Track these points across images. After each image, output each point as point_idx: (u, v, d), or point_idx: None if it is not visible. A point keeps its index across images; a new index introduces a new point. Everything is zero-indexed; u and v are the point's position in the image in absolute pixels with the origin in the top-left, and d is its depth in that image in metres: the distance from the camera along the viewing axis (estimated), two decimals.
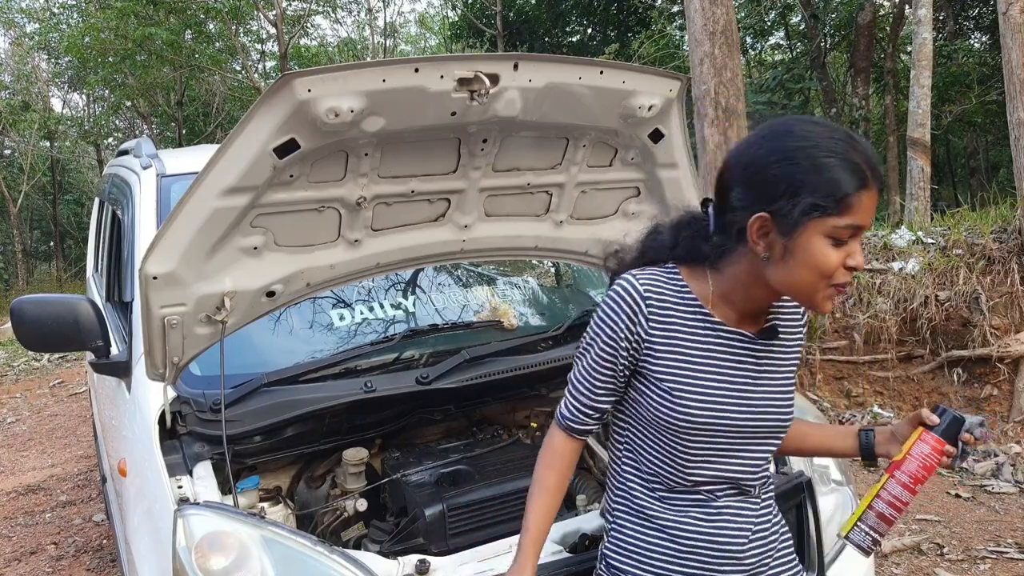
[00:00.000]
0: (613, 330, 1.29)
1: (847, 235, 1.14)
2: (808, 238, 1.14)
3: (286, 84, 1.39)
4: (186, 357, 1.78)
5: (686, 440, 1.28)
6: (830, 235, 1.13)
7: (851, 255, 1.15)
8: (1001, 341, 4.77)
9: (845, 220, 1.12)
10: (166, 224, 1.55)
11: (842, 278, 1.16)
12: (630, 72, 1.67)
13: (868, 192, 1.13)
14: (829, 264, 1.14)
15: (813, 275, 1.15)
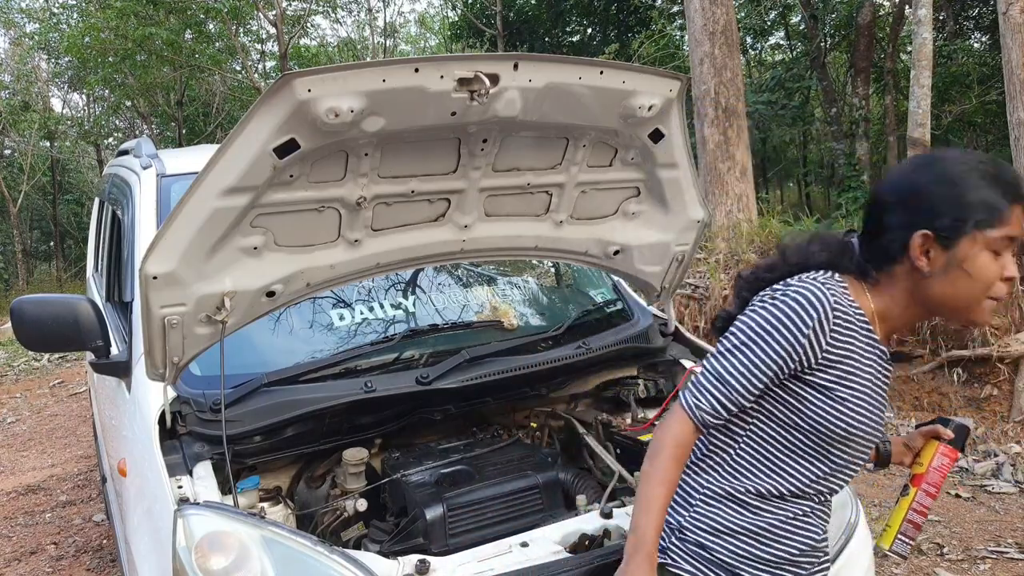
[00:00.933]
0: (794, 335, 1.28)
1: (1004, 246, 1.23)
2: (969, 250, 1.23)
3: (286, 84, 1.39)
4: (186, 357, 1.78)
5: (841, 448, 1.35)
6: (989, 247, 1.22)
7: (1006, 267, 1.24)
8: (1001, 341, 4.77)
9: (1002, 231, 1.22)
10: (166, 224, 1.55)
11: (1000, 290, 1.24)
12: (630, 72, 1.67)
13: (1020, 205, 1.22)
14: (991, 274, 1.23)
15: (977, 287, 1.24)
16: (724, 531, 1.39)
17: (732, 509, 1.39)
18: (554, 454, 2.21)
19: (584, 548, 1.69)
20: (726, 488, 1.40)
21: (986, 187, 1.22)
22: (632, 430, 2.31)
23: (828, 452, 1.36)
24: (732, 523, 1.38)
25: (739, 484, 1.39)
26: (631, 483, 2.12)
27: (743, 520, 1.38)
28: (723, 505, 1.40)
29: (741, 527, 1.38)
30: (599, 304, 2.71)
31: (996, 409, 4.82)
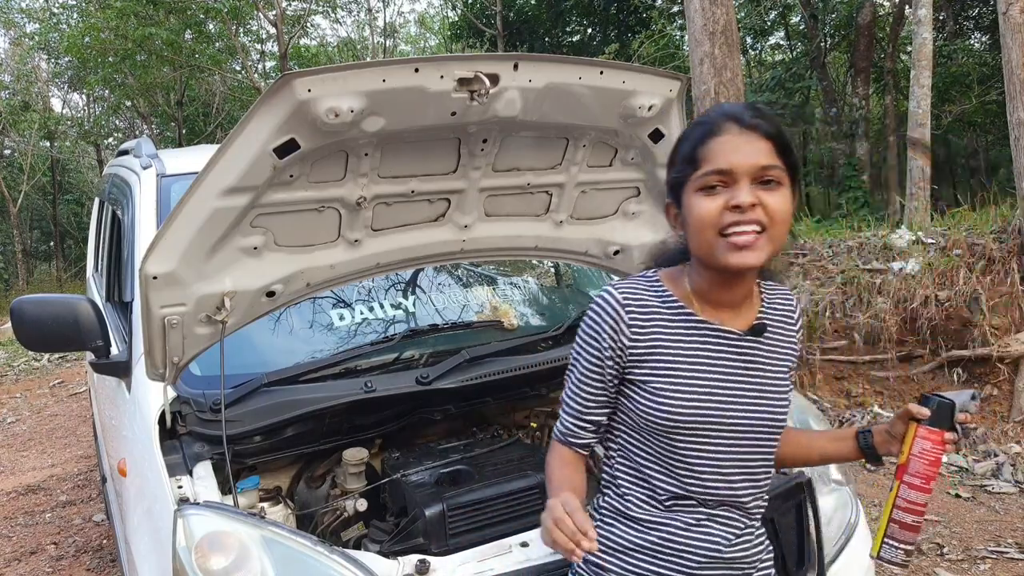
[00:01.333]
0: (597, 342, 1.30)
1: (716, 181, 1.20)
2: (687, 200, 1.24)
3: (286, 84, 1.39)
4: (186, 357, 1.78)
5: (676, 440, 1.28)
6: (699, 189, 1.22)
7: (733, 196, 1.19)
8: (1001, 341, 4.77)
9: (701, 170, 1.21)
10: (166, 224, 1.55)
11: (727, 219, 1.19)
12: (630, 72, 1.67)
13: (716, 138, 1.21)
14: (706, 212, 1.20)
15: (700, 227, 1.22)
16: (620, 549, 1.33)
17: (625, 526, 1.34)
18: None
19: None
20: (615, 506, 1.36)
21: (686, 140, 1.26)
22: None
23: (669, 445, 1.28)
24: (626, 541, 1.33)
25: (625, 500, 1.35)
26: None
27: (636, 536, 1.32)
28: (616, 523, 1.35)
29: (635, 543, 1.32)
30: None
31: (996, 409, 4.82)
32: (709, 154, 1.21)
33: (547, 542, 1.19)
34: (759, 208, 1.18)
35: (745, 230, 1.18)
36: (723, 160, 1.19)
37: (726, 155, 1.19)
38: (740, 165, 1.18)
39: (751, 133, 1.20)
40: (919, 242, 5.45)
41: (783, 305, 1.40)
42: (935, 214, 7.41)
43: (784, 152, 1.22)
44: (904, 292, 5.06)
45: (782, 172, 1.21)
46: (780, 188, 1.21)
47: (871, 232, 6.15)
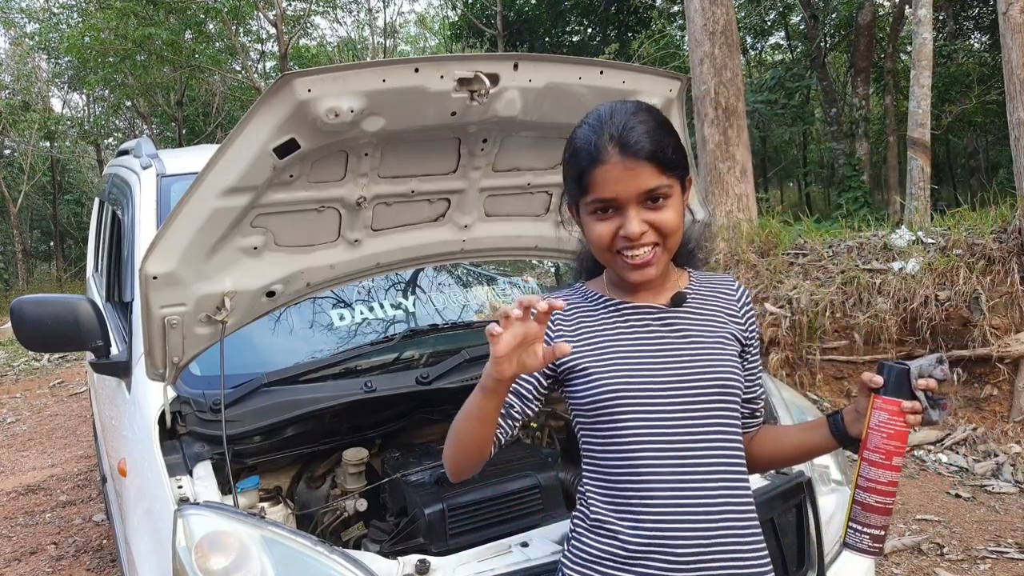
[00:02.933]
0: None
1: (602, 207, 1.25)
2: (583, 218, 1.30)
3: (286, 84, 1.39)
4: (186, 357, 1.78)
5: (615, 418, 1.26)
6: (590, 212, 1.27)
7: (623, 225, 1.23)
8: (1001, 341, 4.77)
9: (590, 196, 1.25)
10: (166, 224, 1.55)
11: (621, 245, 1.24)
12: (630, 72, 1.67)
13: (601, 166, 1.22)
14: (599, 236, 1.26)
15: (599, 250, 1.29)
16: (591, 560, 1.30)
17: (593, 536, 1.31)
18: (554, 454, 2.21)
19: None
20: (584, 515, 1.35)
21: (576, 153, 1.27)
22: None
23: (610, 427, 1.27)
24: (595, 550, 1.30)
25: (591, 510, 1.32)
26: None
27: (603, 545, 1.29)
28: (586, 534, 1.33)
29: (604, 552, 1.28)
30: None
31: (996, 409, 4.82)
32: (595, 183, 1.24)
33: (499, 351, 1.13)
34: (649, 231, 1.23)
35: (637, 254, 1.24)
36: (609, 190, 1.23)
37: (610, 185, 1.22)
38: (624, 193, 1.22)
39: (632, 159, 1.21)
40: (919, 242, 5.45)
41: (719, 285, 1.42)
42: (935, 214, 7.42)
43: (669, 165, 1.24)
44: (904, 292, 5.06)
45: (668, 186, 1.24)
46: (668, 200, 1.25)
47: (871, 232, 6.15)
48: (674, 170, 1.25)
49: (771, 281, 5.55)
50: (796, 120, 16.57)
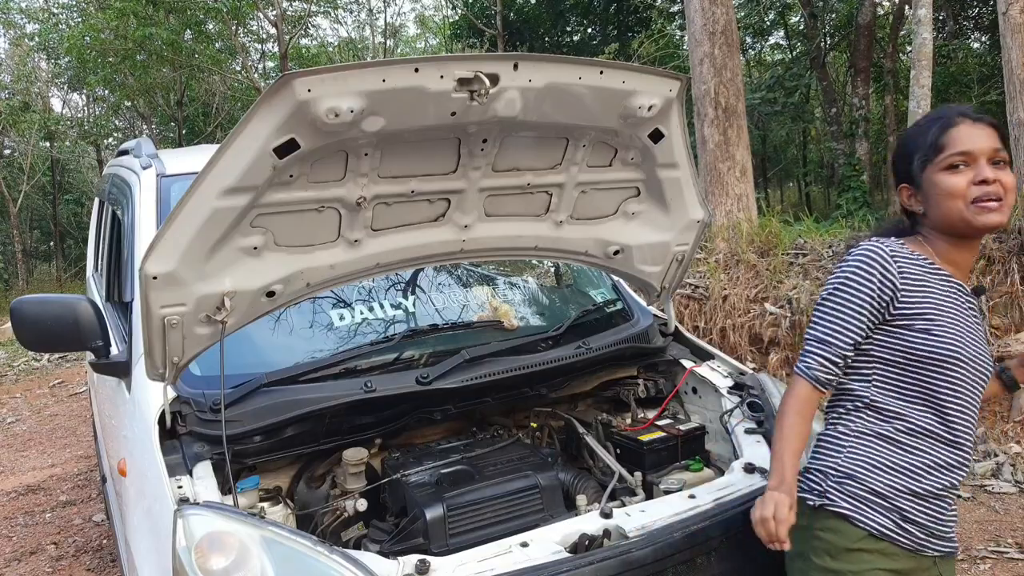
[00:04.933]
0: (867, 284, 1.53)
1: (959, 161, 1.47)
2: (933, 178, 1.51)
3: (286, 84, 1.39)
4: (186, 357, 1.78)
5: (944, 371, 1.51)
6: (944, 168, 1.49)
7: (977, 174, 1.46)
8: (1001, 341, 4.77)
9: (945, 153, 1.49)
10: (166, 224, 1.55)
11: (977, 191, 1.46)
12: (630, 72, 1.67)
13: (956, 127, 1.49)
14: (954, 186, 1.48)
15: (952, 199, 1.48)
16: (880, 467, 1.53)
17: (884, 447, 1.54)
18: (554, 454, 2.21)
19: (584, 548, 1.69)
20: (874, 429, 1.55)
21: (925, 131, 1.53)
22: (632, 430, 2.31)
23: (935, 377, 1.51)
24: (885, 460, 1.53)
25: (885, 424, 1.55)
26: (631, 483, 2.12)
27: (894, 456, 1.53)
28: (875, 444, 1.55)
29: (894, 463, 1.52)
30: (599, 304, 2.71)
31: (996, 409, 4.82)
32: (951, 140, 1.48)
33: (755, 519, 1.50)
34: (996, 183, 1.46)
35: (991, 199, 1.46)
36: (965, 144, 1.47)
37: (965, 140, 1.48)
38: (979, 148, 1.47)
39: (980, 124, 1.49)
40: None
41: None
42: None
43: (1004, 139, 1.51)
44: None
45: (1006, 154, 1.50)
46: (1007, 168, 1.49)
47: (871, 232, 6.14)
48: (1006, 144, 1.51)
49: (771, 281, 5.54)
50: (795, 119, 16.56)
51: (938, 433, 1.54)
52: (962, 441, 1.55)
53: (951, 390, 1.52)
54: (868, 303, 1.52)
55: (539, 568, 1.62)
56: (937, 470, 1.54)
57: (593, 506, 1.96)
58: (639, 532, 1.74)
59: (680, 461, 2.18)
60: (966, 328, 1.54)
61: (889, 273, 1.52)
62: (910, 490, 1.52)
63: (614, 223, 2.14)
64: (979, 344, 1.56)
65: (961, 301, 1.56)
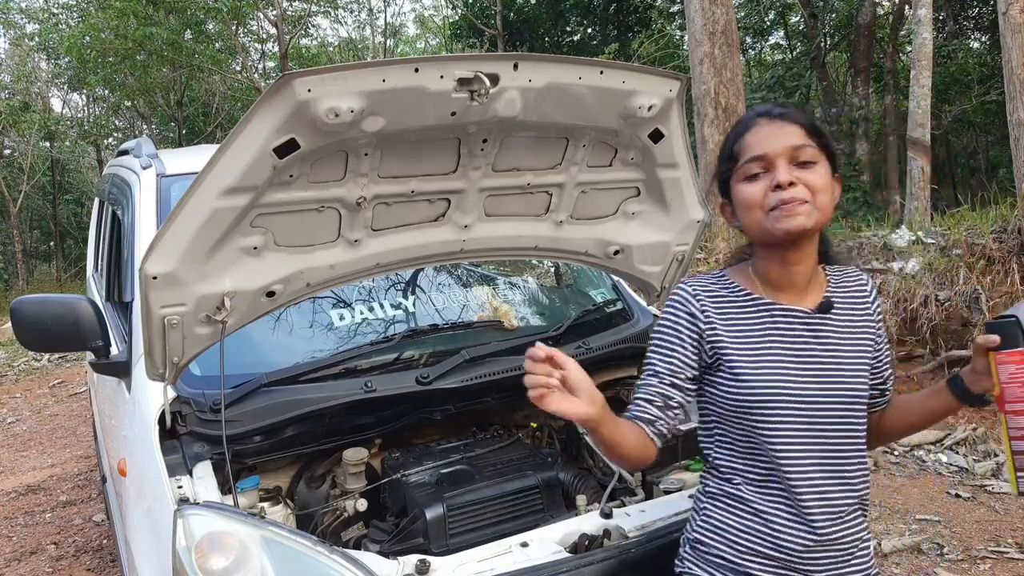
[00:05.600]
0: (672, 326, 1.41)
1: (756, 168, 1.33)
2: (735, 191, 1.38)
3: (286, 84, 1.39)
4: (186, 357, 1.78)
5: (763, 417, 1.34)
6: (743, 178, 1.35)
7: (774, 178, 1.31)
8: None
9: (741, 160, 1.35)
10: (166, 224, 1.55)
11: (773, 198, 1.30)
12: (630, 72, 1.67)
13: (751, 131, 1.35)
14: (751, 196, 1.33)
15: (750, 210, 1.34)
16: (723, 529, 1.40)
17: (726, 507, 1.41)
18: (554, 454, 2.21)
19: (584, 548, 1.69)
20: (720, 489, 1.43)
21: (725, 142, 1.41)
22: None
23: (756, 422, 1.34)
24: (728, 521, 1.40)
25: (727, 484, 1.42)
26: (631, 483, 2.12)
27: (736, 517, 1.39)
28: (720, 505, 1.42)
29: (735, 524, 1.39)
30: (599, 304, 2.71)
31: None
32: (745, 147, 1.35)
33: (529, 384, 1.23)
34: (799, 186, 1.30)
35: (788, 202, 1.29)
36: (758, 148, 1.32)
37: (760, 143, 1.33)
38: (773, 149, 1.31)
39: (779, 121, 1.33)
40: (919, 242, 5.45)
41: (853, 285, 1.46)
42: (935, 214, 7.42)
43: (815, 133, 1.33)
44: (904, 292, 5.06)
45: (815, 150, 1.32)
46: (815, 166, 1.32)
47: (871, 232, 6.15)
48: (819, 138, 1.34)
49: None
50: None
51: (773, 486, 1.36)
52: (802, 493, 1.33)
53: (777, 436, 1.34)
54: (677, 341, 1.39)
55: (539, 568, 1.62)
56: (782, 528, 1.35)
57: (593, 506, 1.96)
58: (639, 532, 1.74)
59: (680, 461, 2.18)
60: (791, 360, 1.35)
61: (692, 315, 1.39)
62: (756, 551, 1.36)
63: (614, 223, 2.14)
64: (814, 374, 1.35)
65: (789, 329, 1.37)
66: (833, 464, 1.36)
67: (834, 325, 1.39)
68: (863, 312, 1.44)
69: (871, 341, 1.43)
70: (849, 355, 1.38)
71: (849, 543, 1.37)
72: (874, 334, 1.44)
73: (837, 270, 1.48)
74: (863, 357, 1.40)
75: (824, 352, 1.37)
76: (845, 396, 1.36)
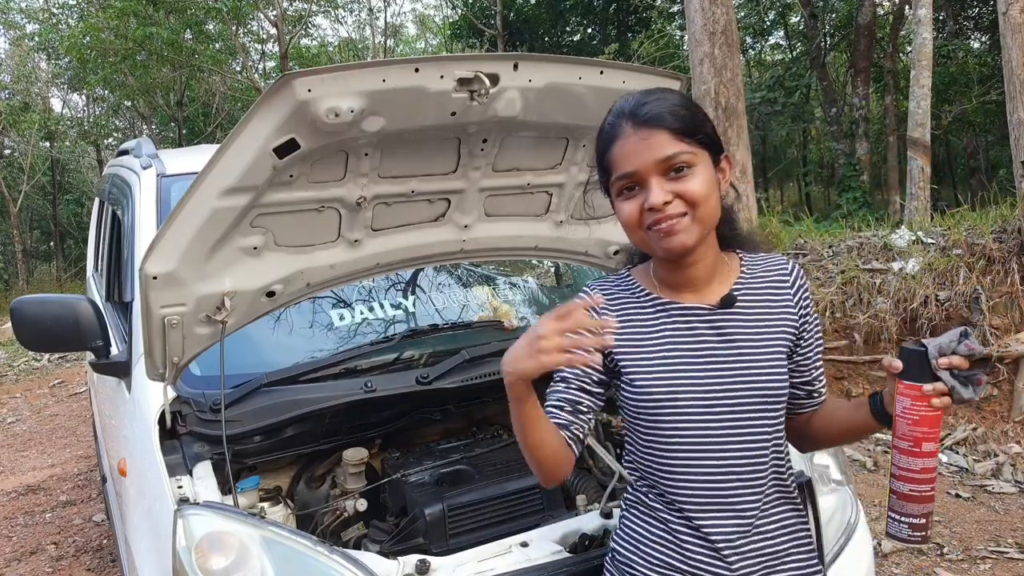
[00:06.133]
0: None
1: (625, 186, 1.24)
2: (614, 203, 1.28)
3: (286, 84, 1.39)
4: (186, 357, 1.78)
5: (654, 422, 1.27)
6: (618, 193, 1.26)
7: (647, 199, 1.21)
8: (1001, 341, 4.77)
9: (613, 176, 1.25)
10: (166, 224, 1.55)
11: (648, 219, 1.22)
12: (630, 72, 1.67)
13: (618, 141, 1.23)
14: (628, 215, 1.24)
15: (630, 230, 1.27)
16: (630, 538, 1.35)
17: (635, 517, 1.36)
18: None
19: (584, 548, 1.69)
20: (632, 497, 1.38)
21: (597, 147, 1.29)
22: None
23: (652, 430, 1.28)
24: (634, 530, 1.35)
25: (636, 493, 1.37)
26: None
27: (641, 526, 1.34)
28: (630, 514, 1.37)
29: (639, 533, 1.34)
30: None
31: (996, 409, 4.82)
32: (614, 160, 1.24)
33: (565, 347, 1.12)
34: (675, 201, 1.20)
35: (663, 224, 1.20)
36: (626, 164, 1.22)
37: (628, 159, 1.22)
38: (642, 165, 1.21)
39: (645, 129, 1.20)
40: (919, 242, 5.45)
41: (772, 274, 1.35)
42: (935, 214, 7.42)
43: (688, 132, 1.21)
44: (904, 292, 5.06)
45: (690, 154, 1.21)
46: (692, 170, 1.21)
47: (871, 232, 6.15)
48: (693, 136, 1.21)
49: None
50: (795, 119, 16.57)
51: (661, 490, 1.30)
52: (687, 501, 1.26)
53: (670, 441, 1.27)
54: None
55: (539, 568, 1.62)
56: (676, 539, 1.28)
57: (593, 506, 1.96)
58: None
59: None
60: (688, 360, 1.27)
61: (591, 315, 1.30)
62: (661, 562, 1.29)
63: (614, 223, 2.13)
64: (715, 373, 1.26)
65: (687, 328, 1.29)
66: (735, 468, 1.26)
67: (740, 319, 1.30)
68: (780, 303, 1.32)
69: (789, 334, 1.31)
70: (758, 351, 1.28)
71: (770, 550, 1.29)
72: (794, 326, 1.32)
73: (758, 259, 1.37)
74: (776, 351, 1.29)
75: (727, 349, 1.27)
76: (753, 394, 1.26)
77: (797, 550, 1.33)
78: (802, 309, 1.34)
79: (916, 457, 1.14)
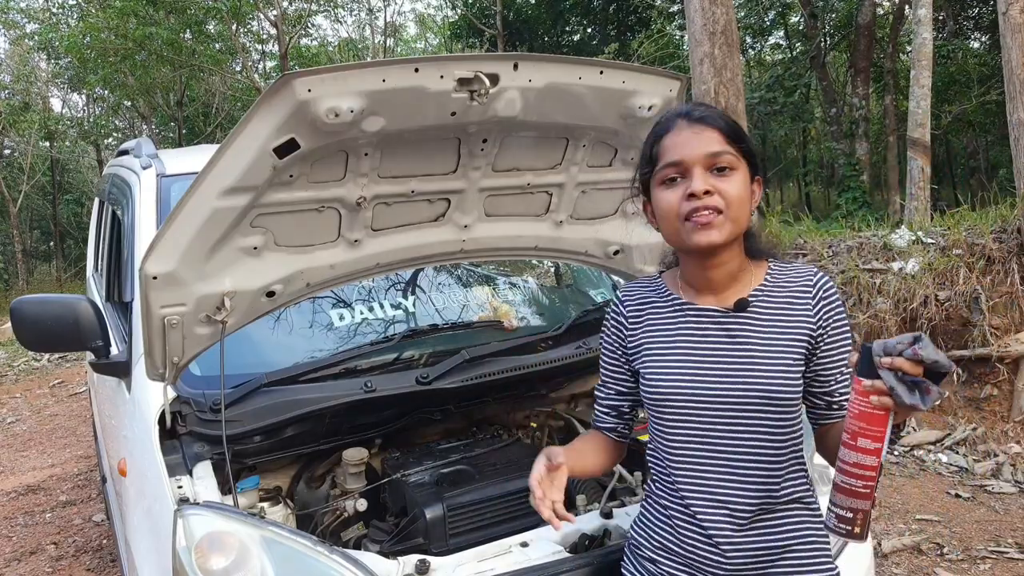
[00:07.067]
0: (608, 339, 1.50)
1: (673, 174, 1.30)
2: (654, 195, 1.35)
3: (286, 84, 1.39)
4: (186, 357, 1.78)
5: (662, 415, 1.37)
6: (660, 183, 1.33)
7: (688, 187, 1.28)
8: (1001, 341, 4.77)
9: (659, 164, 1.32)
10: (166, 224, 1.55)
11: (686, 208, 1.28)
12: (630, 72, 1.67)
13: (670, 134, 1.32)
14: (668, 204, 1.31)
15: (666, 218, 1.32)
16: (640, 520, 1.46)
17: (652, 506, 1.44)
18: None
19: (584, 548, 1.69)
20: (651, 486, 1.47)
21: (645, 143, 1.38)
22: None
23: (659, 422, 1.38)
24: (644, 513, 1.46)
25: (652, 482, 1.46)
26: (631, 483, 2.12)
27: (649, 510, 1.45)
28: (648, 501, 1.46)
29: (646, 516, 1.45)
30: (599, 304, 2.71)
31: (996, 409, 4.82)
32: (663, 150, 1.32)
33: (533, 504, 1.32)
34: (714, 195, 1.27)
35: (703, 214, 1.26)
36: (675, 153, 1.29)
37: (677, 148, 1.29)
38: (690, 156, 1.28)
39: (698, 125, 1.30)
40: (919, 242, 5.45)
41: (795, 282, 1.37)
42: (935, 214, 7.42)
43: (735, 139, 1.30)
44: (904, 292, 5.06)
45: (734, 157, 1.29)
46: (733, 173, 1.29)
47: (871, 232, 6.15)
48: (739, 143, 1.30)
49: None
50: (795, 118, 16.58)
51: (665, 481, 1.39)
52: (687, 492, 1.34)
53: (673, 435, 1.35)
54: (611, 352, 1.49)
55: (539, 568, 1.62)
56: (674, 524, 1.37)
57: (593, 506, 1.96)
58: None
59: None
60: (698, 359, 1.33)
61: (619, 318, 1.46)
62: (661, 545, 1.39)
63: (614, 223, 2.14)
64: (723, 373, 1.32)
65: (699, 328, 1.36)
66: (734, 466, 1.31)
67: (752, 323, 1.33)
68: (798, 311, 1.34)
69: (803, 342, 1.33)
70: (767, 355, 1.31)
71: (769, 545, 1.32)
72: (810, 334, 1.33)
73: (787, 268, 1.40)
74: (786, 357, 1.31)
75: (737, 351, 1.32)
76: (755, 396, 1.29)
77: (800, 545, 1.35)
78: (823, 319, 1.35)
79: (850, 449, 1.17)
